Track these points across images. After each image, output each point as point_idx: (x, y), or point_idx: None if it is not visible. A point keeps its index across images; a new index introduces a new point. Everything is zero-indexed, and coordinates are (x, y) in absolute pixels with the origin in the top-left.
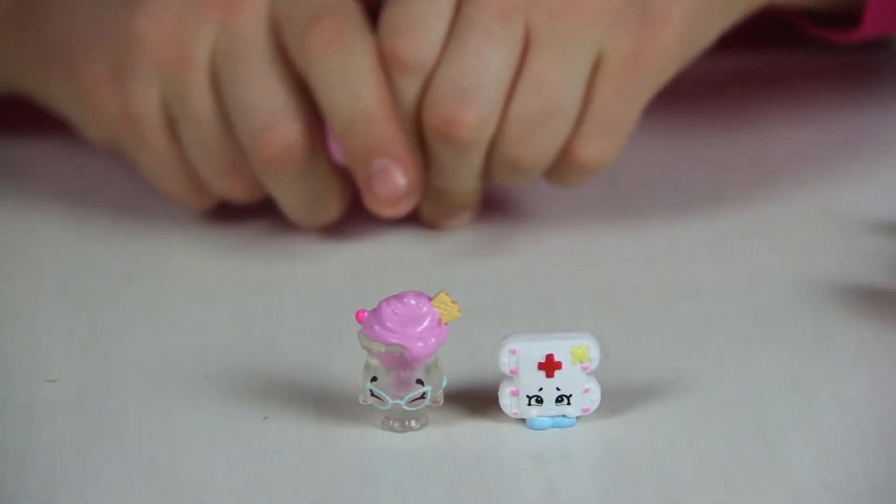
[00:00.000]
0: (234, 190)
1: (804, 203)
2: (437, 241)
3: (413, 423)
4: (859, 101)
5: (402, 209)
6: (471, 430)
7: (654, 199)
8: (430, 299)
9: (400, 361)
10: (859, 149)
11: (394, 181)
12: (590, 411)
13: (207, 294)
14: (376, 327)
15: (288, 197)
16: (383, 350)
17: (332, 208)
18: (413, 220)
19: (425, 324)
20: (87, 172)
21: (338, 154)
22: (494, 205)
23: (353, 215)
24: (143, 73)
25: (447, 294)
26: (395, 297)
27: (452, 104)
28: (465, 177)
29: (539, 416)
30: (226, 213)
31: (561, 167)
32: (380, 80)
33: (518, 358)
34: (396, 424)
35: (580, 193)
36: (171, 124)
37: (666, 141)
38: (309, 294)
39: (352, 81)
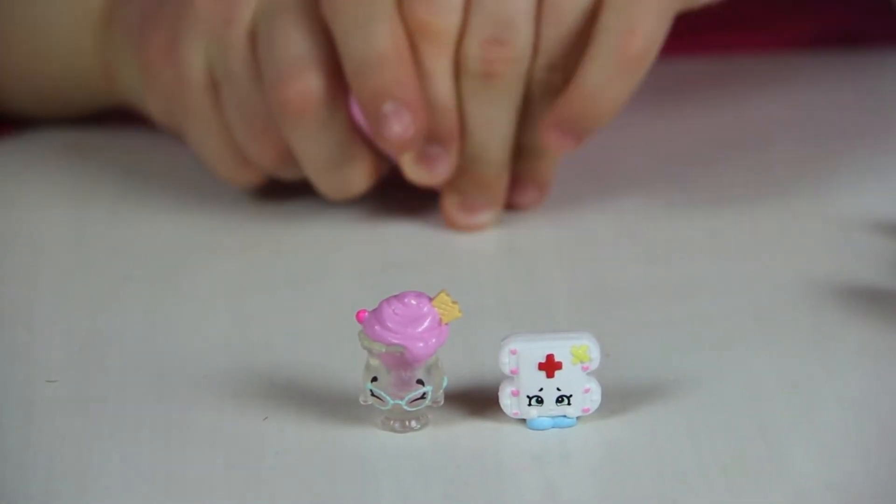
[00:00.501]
0: (265, 155)
1: (804, 203)
2: (438, 241)
3: (413, 423)
4: (859, 101)
5: (439, 174)
6: (471, 431)
7: (655, 199)
8: (430, 299)
9: (400, 361)
10: (859, 149)
11: (404, 123)
12: (590, 411)
13: (207, 294)
14: (377, 327)
15: (309, 155)
16: (384, 350)
17: (357, 178)
18: (414, 220)
19: (426, 324)
20: (86, 172)
21: (360, 118)
22: None
23: (353, 215)
24: (193, 34)
25: (448, 294)
26: (395, 297)
27: (493, 46)
28: (501, 131)
29: (539, 417)
30: (225, 213)
31: None
32: (396, 26)
33: (518, 358)
34: (397, 425)
35: (580, 193)
36: (216, 89)
37: (666, 141)
38: (309, 294)
39: (367, 25)
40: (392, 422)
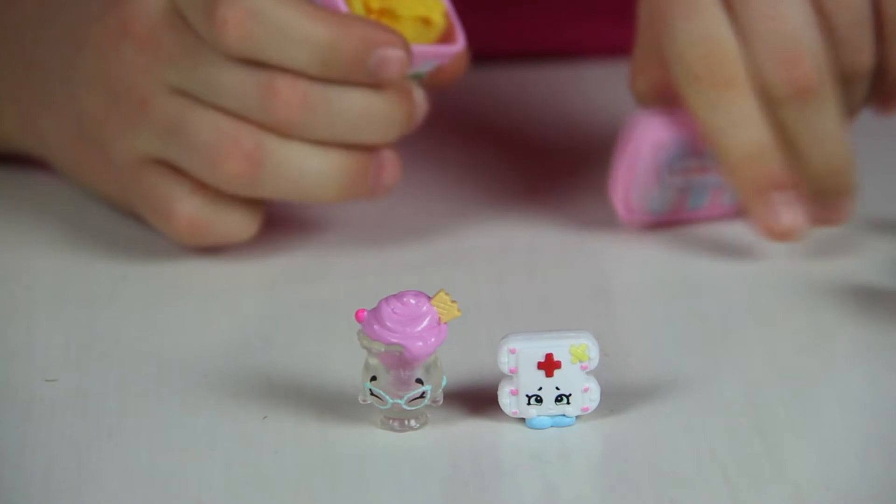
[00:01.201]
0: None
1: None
2: (437, 240)
3: (412, 422)
4: None
5: (799, 218)
6: (470, 430)
7: None
8: (429, 298)
9: (399, 361)
10: (859, 149)
11: (396, 58)
12: (589, 410)
13: (207, 294)
14: (376, 327)
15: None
16: (383, 349)
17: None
18: (414, 219)
19: (425, 323)
20: None
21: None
22: (492, 204)
23: (352, 214)
24: (117, 129)
25: (446, 293)
26: (394, 296)
27: (790, 64)
28: (838, 136)
29: (538, 416)
30: None
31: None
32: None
33: (517, 357)
34: (396, 424)
35: (580, 193)
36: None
37: None
38: (308, 294)
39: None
40: (391, 421)
